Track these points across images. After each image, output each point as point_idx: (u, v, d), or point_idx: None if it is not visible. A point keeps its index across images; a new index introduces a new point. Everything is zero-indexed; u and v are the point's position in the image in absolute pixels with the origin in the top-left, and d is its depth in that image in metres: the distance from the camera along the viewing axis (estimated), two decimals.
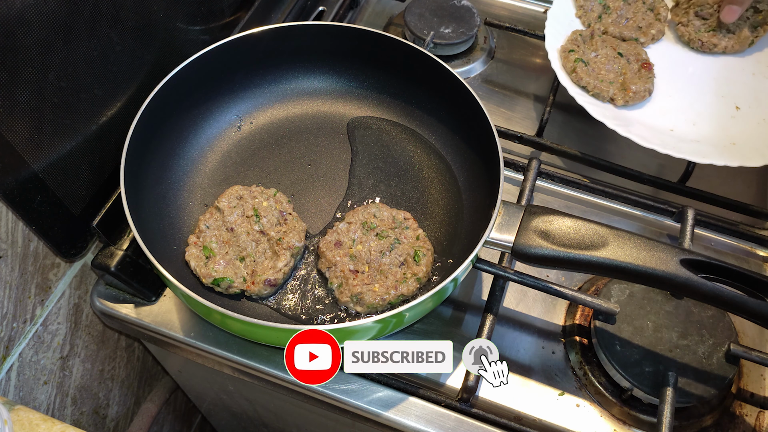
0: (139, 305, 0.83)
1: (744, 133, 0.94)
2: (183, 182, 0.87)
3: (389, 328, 0.74)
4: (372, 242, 0.79)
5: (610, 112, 0.94)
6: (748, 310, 0.65)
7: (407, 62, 0.90)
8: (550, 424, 0.77)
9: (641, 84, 0.96)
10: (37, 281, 0.78)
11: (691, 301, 0.80)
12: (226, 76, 0.91)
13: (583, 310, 0.84)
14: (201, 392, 1.13)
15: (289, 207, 0.83)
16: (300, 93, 0.96)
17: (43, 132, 0.69)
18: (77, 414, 0.95)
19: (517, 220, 0.73)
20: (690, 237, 0.85)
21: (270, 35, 0.89)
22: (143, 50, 0.81)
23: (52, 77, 0.68)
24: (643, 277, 0.67)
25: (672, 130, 0.95)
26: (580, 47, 0.99)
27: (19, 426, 0.64)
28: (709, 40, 1.03)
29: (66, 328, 0.86)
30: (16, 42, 0.62)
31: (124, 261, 0.78)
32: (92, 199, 0.78)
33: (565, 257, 0.69)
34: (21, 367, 0.80)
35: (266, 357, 0.79)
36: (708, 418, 0.77)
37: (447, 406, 0.76)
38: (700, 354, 0.76)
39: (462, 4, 1.11)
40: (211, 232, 0.79)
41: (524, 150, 0.99)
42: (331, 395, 0.77)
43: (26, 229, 0.73)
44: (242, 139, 0.92)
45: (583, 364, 0.80)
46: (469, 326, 0.83)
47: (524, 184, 0.90)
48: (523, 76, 1.11)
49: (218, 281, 0.76)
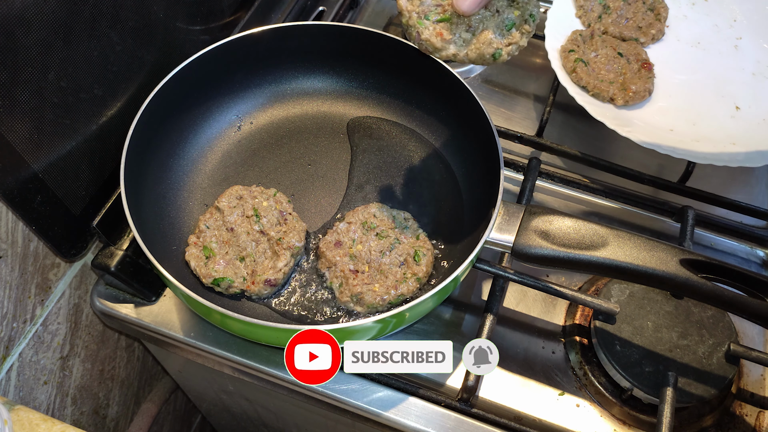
0: (139, 305, 0.83)
1: (744, 133, 0.94)
2: (183, 182, 0.87)
3: (389, 328, 0.74)
4: (372, 242, 0.79)
5: (610, 112, 0.94)
6: (748, 310, 0.65)
7: (407, 62, 0.90)
8: (550, 424, 0.77)
9: (641, 84, 0.96)
10: (37, 281, 0.78)
11: (691, 301, 0.80)
12: (226, 76, 0.91)
13: (583, 310, 0.84)
14: (201, 392, 1.13)
15: (289, 207, 0.83)
16: (300, 93, 0.96)
17: (43, 132, 0.69)
18: (77, 414, 0.95)
19: (517, 220, 0.73)
20: (690, 237, 0.85)
21: (270, 35, 0.89)
22: (143, 50, 0.81)
23: (52, 77, 0.68)
24: (643, 277, 0.67)
25: (672, 130, 0.95)
26: (580, 47, 0.99)
27: (19, 426, 0.64)
28: (431, 36, 0.67)
29: (66, 328, 0.86)
30: (16, 42, 0.62)
31: (124, 261, 0.78)
32: (92, 199, 0.78)
33: (565, 257, 0.69)
34: (21, 367, 0.80)
35: (266, 357, 0.79)
36: (708, 418, 0.77)
37: (447, 406, 0.76)
38: (700, 354, 0.76)
39: None
40: (211, 232, 0.79)
41: (524, 150, 0.99)
42: (331, 395, 0.77)
43: (26, 229, 0.73)
44: (242, 139, 0.92)
45: (583, 364, 0.80)
46: (469, 326, 0.83)
47: (524, 184, 0.90)
48: (523, 76, 1.11)
49: (218, 281, 0.76)
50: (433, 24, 0.66)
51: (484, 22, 0.65)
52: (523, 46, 0.66)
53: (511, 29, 0.65)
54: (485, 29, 0.65)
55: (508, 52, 0.66)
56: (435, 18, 0.66)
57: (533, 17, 0.65)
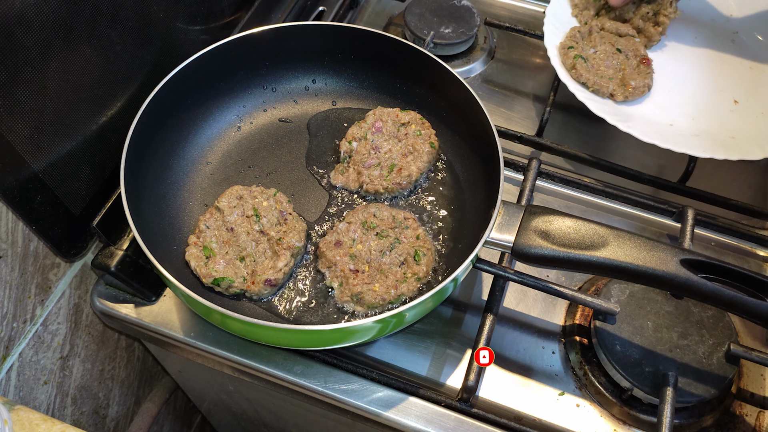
0: (139, 305, 0.83)
1: (743, 126, 0.95)
2: (183, 182, 0.87)
3: (389, 328, 0.74)
4: (372, 242, 0.79)
5: (610, 108, 0.95)
6: (748, 310, 0.65)
7: (407, 62, 0.90)
8: (550, 424, 0.77)
9: (640, 79, 0.96)
10: (37, 281, 0.78)
11: (691, 301, 0.80)
12: (226, 76, 0.91)
13: (583, 310, 0.84)
14: (201, 392, 1.13)
15: (289, 207, 0.83)
16: (300, 93, 0.96)
17: (43, 132, 0.69)
18: (77, 414, 0.95)
19: (517, 220, 0.73)
20: (690, 237, 0.85)
21: (270, 35, 0.89)
22: (143, 50, 0.81)
23: (52, 77, 0.68)
24: (643, 277, 0.67)
25: (672, 125, 0.95)
26: (579, 44, 0.99)
27: (19, 426, 0.64)
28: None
29: (66, 328, 0.86)
30: (16, 42, 0.62)
31: (124, 261, 0.78)
32: (92, 199, 0.78)
33: (565, 257, 0.69)
34: (21, 367, 0.80)
35: (266, 357, 0.79)
36: (708, 418, 0.77)
37: (447, 406, 0.76)
38: (700, 354, 0.76)
39: (462, 4, 1.11)
40: (211, 232, 0.79)
41: (524, 150, 0.99)
42: (331, 395, 0.77)
43: (26, 229, 0.73)
44: (242, 139, 0.92)
45: (583, 364, 0.80)
46: (469, 326, 0.83)
47: (524, 184, 0.90)
48: (523, 75, 1.11)
49: (218, 281, 0.76)
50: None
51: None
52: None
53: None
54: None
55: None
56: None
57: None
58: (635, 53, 0.99)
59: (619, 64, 0.98)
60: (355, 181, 0.86)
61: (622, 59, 0.99)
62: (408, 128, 0.88)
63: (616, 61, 0.98)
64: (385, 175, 0.85)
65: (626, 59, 0.99)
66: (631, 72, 0.97)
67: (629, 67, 0.98)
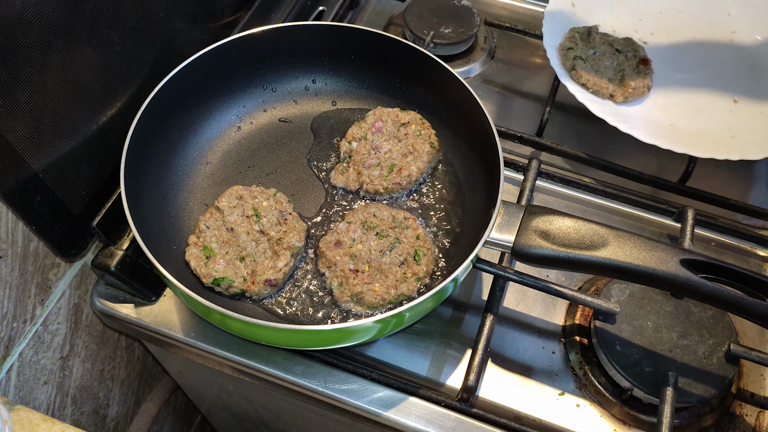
0: (139, 305, 0.83)
1: (743, 126, 0.95)
2: (183, 182, 0.87)
3: (389, 328, 0.74)
4: (372, 242, 0.79)
5: (610, 109, 0.95)
6: (748, 310, 0.65)
7: (407, 62, 0.90)
8: (550, 424, 0.77)
9: (640, 80, 0.96)
10: (37, 281, 0.78)
11: (691, 301, 0.80)
12: (226, 76, 0.91)
13: (583, 310, 0.84)
14: (201, 392, 1.13)
15: (289, 207, 0.83)
16: (300, 93, 0.96)
17: (43, 132, 0.69)
18: (77, 414, 0.95)
19: (517, 220, 0.73)
20: (690, 237, 0.85)
21: (270, 35, 0.89)
22: (143, 50, 0.81)
23: (52, 77, 0.68)
24: (643, 277, 0.67)
25: (672, 125, 0.95)
26: (578, 45, 0.99)
27: (19, 426, 0.64)
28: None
29: (66, 328, 0.86)
30: (16, 42, 0.62)
31: (124, 261, 0.78)
32: (92, 199, 0.78)
33: (565, 257, 0.69)
34: (21, 367, 0.80)
35: (266, 357, 0.79)
36: (708, 418, 0.77)
37: (447, 406, 0.76)
38: (700, 354, 0.76)
39: (462, 4, 1.11)
40: (211, 232, 0.79)
41: (524, 150, 0.99)
42: (331, 395, 0.77)
43: (26, 229, 0.73)
44: (242, 139, 0.92)
45: (583, 364, 0.80)
46: (469, 326, 0.83)
47: (524, 184, 0.90)
48: (523, 76, 1.11)
49: (218, 281, 0.76)
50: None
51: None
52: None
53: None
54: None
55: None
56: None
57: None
58: (634, 54, 0.99)
59: (618, 65, 0.98)
60: (355, 181, 0.86)
61: (621, 60, 0.99)
62: (408, 128, 0.88)
63: (616, 62, 0.98)
64: (385, 175, 0.85)
65: (626, 60, 0.99)
66: (630, 72, 0.97)
67: (629, 67, 0.98)
